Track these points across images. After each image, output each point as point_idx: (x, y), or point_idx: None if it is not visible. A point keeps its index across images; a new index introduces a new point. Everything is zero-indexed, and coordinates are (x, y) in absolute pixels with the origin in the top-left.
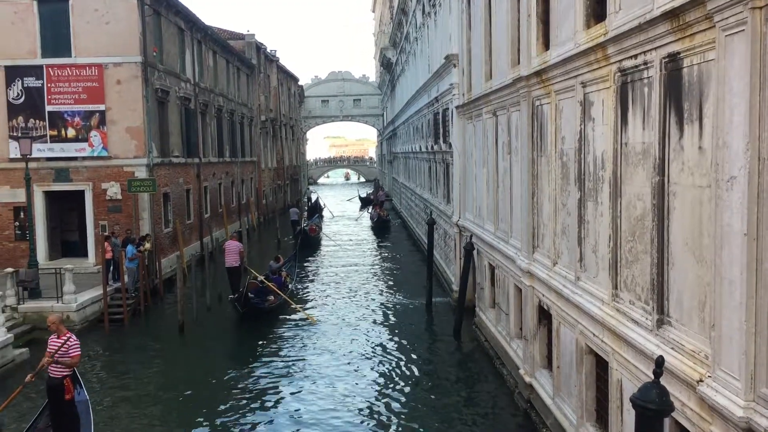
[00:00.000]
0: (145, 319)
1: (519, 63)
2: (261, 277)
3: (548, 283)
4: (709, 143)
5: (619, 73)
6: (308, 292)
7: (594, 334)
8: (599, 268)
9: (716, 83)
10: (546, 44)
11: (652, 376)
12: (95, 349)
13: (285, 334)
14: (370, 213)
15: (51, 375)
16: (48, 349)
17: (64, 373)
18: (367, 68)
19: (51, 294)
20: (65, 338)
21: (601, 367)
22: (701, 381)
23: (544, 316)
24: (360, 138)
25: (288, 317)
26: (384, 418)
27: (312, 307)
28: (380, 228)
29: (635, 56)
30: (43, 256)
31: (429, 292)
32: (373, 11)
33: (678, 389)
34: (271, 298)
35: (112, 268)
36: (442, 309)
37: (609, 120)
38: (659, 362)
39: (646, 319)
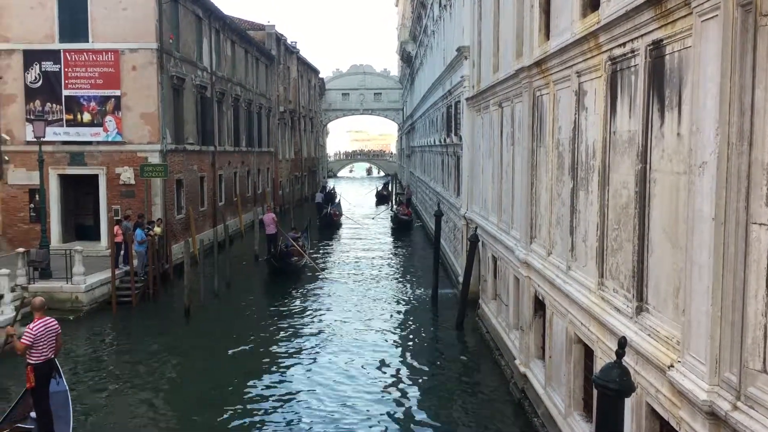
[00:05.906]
0: (154, 303)
1: (523, 54)
2: (284, 243)
3: (543, 273)
4: (686, 129)
5: (609, 62)
6: (322, 275)
7: (582, 323)
8: (588, 257)
9: (693, 69)
10: (547, 35)
11: (616, 357)
12: (101, 330)
13: (288, 323)
14: (393, 211)
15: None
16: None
17: (27, 361)
18: (389, 62)
19: (61, 275)
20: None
21: (589, 356)
22: (672, 366)
23: (540, 306)
24: (382, 133)
25: (293, 307)
26: (381, 405)
27: (323, 293)
28: (399, 229)
29: (624, 44)
30: (57, 238)
31: (435, 283)
32: (396, 5)
33: (653, 375)
34: (295, 259)
35: (123, 251)
36: (449, 301)
37: (600, 109)
38: (621, 343)
39: (627, 306)
